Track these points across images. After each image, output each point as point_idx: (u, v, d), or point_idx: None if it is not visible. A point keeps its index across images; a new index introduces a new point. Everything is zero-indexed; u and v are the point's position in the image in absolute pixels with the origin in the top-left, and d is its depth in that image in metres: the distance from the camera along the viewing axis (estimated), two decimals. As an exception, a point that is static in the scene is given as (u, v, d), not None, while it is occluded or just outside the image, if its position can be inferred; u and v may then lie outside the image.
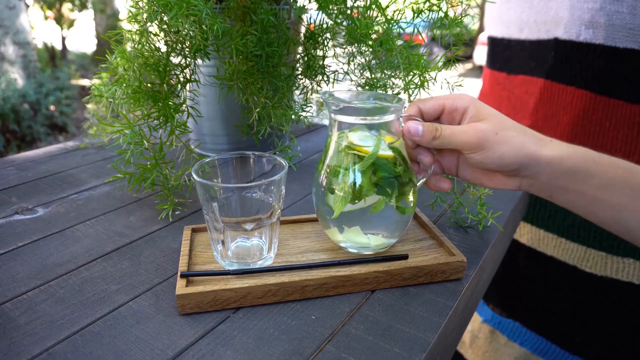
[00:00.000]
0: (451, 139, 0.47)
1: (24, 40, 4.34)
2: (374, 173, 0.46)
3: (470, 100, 0.49)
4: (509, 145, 0.45)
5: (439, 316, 0.43)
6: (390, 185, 0.47)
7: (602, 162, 0.45)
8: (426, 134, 0.48)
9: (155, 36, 0.58)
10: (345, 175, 0.47)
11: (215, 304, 0.43)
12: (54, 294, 0.45)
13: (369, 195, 0.46)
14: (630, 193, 0.44)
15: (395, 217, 0.48)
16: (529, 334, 1.05)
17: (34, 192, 0.68)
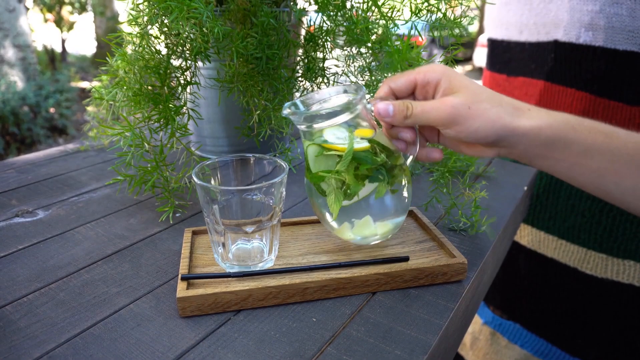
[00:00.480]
0: (423, 117, 0.45)
1: (23, 43, 4.34)
2: (357, 168, 0.46)
3: (442, 71, 0.47)
4: (483, 118, 0.43)
5: (439, 318, 0.43)
6: (379, 173, 0.47)
7: (582, 128, 0.45)
8: (397, 113, 0.46)
9: (155, 39, 0.58)
10: (330, 178, 0.47)
11: (216, 307, 0.43)
12: (55, 296, 0.45)
13: (359, 190, 0.46)
14: (610, 158, 0.44)
15: (395, 200, 0.48)
16: (529, 336, 1.05)
17: (34, 195, 0.68)
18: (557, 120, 0.45)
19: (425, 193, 0.71)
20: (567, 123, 0.45)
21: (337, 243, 0.53)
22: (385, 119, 0.47)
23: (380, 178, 0.47)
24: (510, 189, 0.75)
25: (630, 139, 0.45)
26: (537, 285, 1.00)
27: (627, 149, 0.44)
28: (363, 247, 0.52)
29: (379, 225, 0.48)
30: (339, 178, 0.47)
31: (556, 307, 0.97)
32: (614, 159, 0.44)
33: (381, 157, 0.47)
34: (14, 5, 4.21)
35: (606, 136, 0.45)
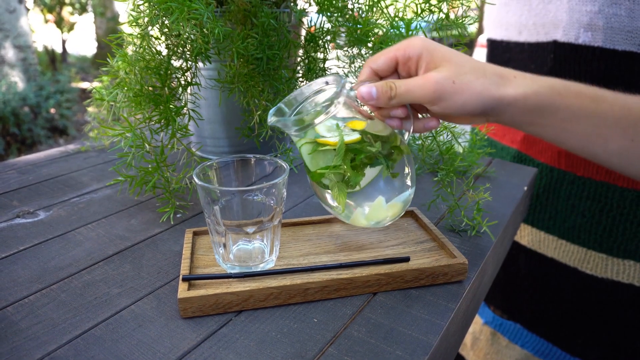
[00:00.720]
0: (408, 96, 0.44)
1: (24, 44, 4.35)
2: (354, 159, 0.46)
3: (421, 45, 0.45)
4: (469, 92, 0.43)
5: (440, 319, 0.43)
6: (377, 160, 0.47)
7: (568, 93, 0.45)
8: (381, 95, 0.45)
9: (156, 40, 0.58)
10: (329, 174, 0.47)
11: (217, 308, 0.43)
12: (56, 297, 0.45)
13: (360, 180, 0.46)
14: (597, 122, 0.45)
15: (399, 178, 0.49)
16: (530, 336, 1.05)
17: (35, 196, 0.68)
18: (543, 86, 0.44)
19: (426, 193, 0.71)
20: (553, 89, 0.45)
21: (337, 244, 0.53)
22: (370, 102, 0.46)
23: (380, 162, 0.47)
24: (511, 189, 0.75)
25: (617, 102, 0.45)
26: (538, 286, 1.00)
27: (613, 112, 0.45)
28: (364, 247, 0.52)
29: (389, 207, 0.48)
30: (338, 172, 0.47)
31: (556, 307, 0.97)
32: (601, 123, 0.45)
33: (376, 145, 0.46)
34: (14, 6, 4.21)
35: (592, 100, 0.45)
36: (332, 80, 0.48)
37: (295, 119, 0.45)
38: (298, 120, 0.45)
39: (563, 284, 0.94)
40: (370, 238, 0.54)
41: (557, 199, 0.92)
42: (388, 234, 0.55)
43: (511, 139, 1.06)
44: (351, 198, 0.48)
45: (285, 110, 0.48)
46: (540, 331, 1.02)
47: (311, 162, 0.48)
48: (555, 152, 0.92)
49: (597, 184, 0.85)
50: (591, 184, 0.86)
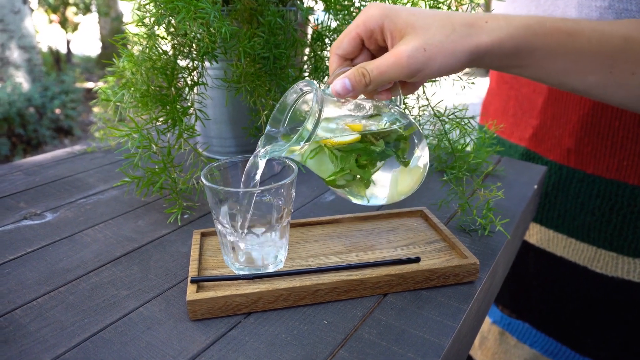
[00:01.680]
0: (383, 77, 0.42)
1: (28, 44, 4.36)
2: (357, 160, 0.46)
3: (380, 14, 0.43)
4: (442, 55, 0.41)
5: (452, 320, 0.43)
6: (385, 155, 0.46)
7: (544, 31, 0.44)
8: (355, 85, 0.43)
9: (162, 39, 0.58)
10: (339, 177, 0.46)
11: (226, 310, 0.43)
12: (64, 300, 0.45)
13: (372, 174, 0.46)
14: (574, 58, 0.44)
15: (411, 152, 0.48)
16: (538, 335, 1.04)
17: (42, 197, 0.68)
18: (517, 27, 0.43)
19: (434, 192, 0.70)
20: (528, 29, 0.44)
21: (346, 244, 0.53)
22: (348, 95, 0.44)
23: (389, 154, 0.46)
24: (520, 187, 0.74)
25: (594, 35, 0.44)
26: (546, 284, 0.99)
27: (590, 45, 0.44)
28: (373, 247, 0.52)
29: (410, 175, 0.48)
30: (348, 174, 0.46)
31: (566, 306, 0.96)
32: (578, 58, 0.44)
33: (379, 144, 0.45)
34: (19, 7, 4.23)
35: (569, 35, 0.44)
36: (304, 85, 0.46)
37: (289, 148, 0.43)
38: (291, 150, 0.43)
39: (572, 283, 0.93)
40: (379, 238, 0.54)
41: (566, 197, 0.91)
42: (398, 234, 0.55)
43: (519, 137, 1.05)
44: (371, 188, 0.47)
45: (273, 131, 0.47)
46: (549, 330, 1.01)
47: (319, 169, 0.48)
48: (564, 150, 0.91)
49: (607, 181, 0.84)
50: (601, 182, 0.85)
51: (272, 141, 0.46)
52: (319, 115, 0.41)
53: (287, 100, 0.47)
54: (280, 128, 0.47)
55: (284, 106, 0.47)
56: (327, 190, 0.71)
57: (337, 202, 0.67)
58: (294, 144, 0.42)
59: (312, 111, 0.41)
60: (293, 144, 0.42)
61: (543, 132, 0.97)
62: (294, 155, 0.45)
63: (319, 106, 0.41)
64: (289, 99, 0.47)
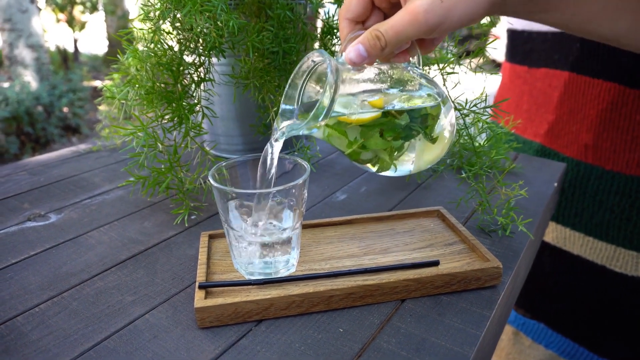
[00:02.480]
0: (399, 38, 0.39)
1: (36, 43, 4.38)
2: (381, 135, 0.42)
3: None
4: (461, 4, 0.38)
5: (476, 328, 0.40)
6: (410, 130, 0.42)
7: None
8: (370, 50, 0.39)
9: (168, 34, 0.56)
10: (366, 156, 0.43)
11: (236, 317, 0.40)
12: (67, 306, 0.43)
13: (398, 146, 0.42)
14: (603, 4, 0.41)
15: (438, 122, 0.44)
16: (554, 336, 1.01)
17: (46, 198, 0.66)
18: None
19: (450, 191, 0.68)
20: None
21: (361, 246, 0.50)
22: (364, 62, 0.40)
23: (414, 134, 0.42)
24: (540, 185, 0.71)
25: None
26: (563, 284, 0.96)
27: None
28: (389, 250, 0.49)
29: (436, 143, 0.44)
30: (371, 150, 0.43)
31: (583, 306, 0.94)
32: (606, 4, 0.41)
33: (403, 116, 0.42)
34: (26, 6, 4.24)
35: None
36: (316, 55, 0.42)
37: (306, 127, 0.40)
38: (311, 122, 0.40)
39: (590, 283, 0.91)
40: (395, 240, 0.51)
41: (583, 194, 0.89)
42: (414, 236, 0.52)
43: (534, 133, 1.02)
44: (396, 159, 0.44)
45: (289, 109, 0.44)
46: (566, 331, 0.98)
47: (340, 143, 0.44)
48: (581, 146, 0.88)
49: (627, 178, 0.81)
50: (620, 178, 0.83)
51: (288, 119, 0.43)
52: (335, 88, 0.38)
53: (299, 74, 0.43)
54: (295, 105, 0.44)
55: (297, 81, 0.43)
56: (338, 189, 0.68)
57: (349, 202, 0.64)
58: (311, 122, 0.39)
59: (327, 84, 0.38)
60: (310, 122, 0.39)
61: (559, 128, 0.94)
62: (313, 132, 0.42)
63: (334, 78, 0.38)
64: (301, 73, 0.43)
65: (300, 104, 0.44)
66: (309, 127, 0.40)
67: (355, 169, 0.76)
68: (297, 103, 0.44)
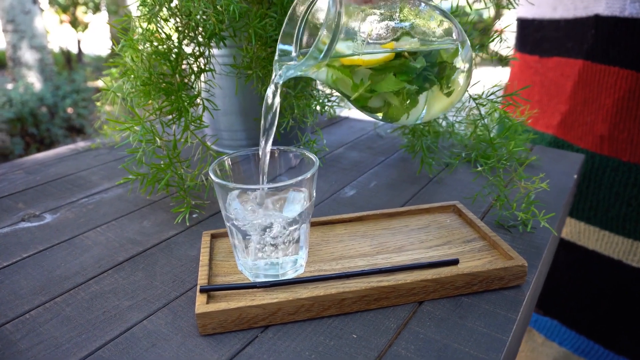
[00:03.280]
0: None
1: (39, 45, 4.37)
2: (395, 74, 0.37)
3: None
4: None
5: (501, 332, 0.37)
6: (425, 79, 0.37)
7: None
8: None
9: (165, 22, 0.52)
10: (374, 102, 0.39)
11: (240, 323, 0.37)
12: (60, 312, 0.40)
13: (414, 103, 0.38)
14: None
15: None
16: (568, 333, 0.99)
17: (42, 197, 0.63)
18: None
19: (464, 185, 0.64)
20: None
21: (373, 245, 0.47)
22: None
23: (427, 86, 0.38)
24: (559, 177, 0.67)
25: None
26: (577, 280, 0.94)
27: None
28: (404, 248, 0.46)
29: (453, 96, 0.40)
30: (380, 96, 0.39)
31: (598, 302, 0.91)
32: None
33: (419, 59, 0.37)
34: (29, 8, 4.23)
35: None
36: None
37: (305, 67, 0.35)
38: (310, 60, 0.34)
39: (606, 278, 0.88)
40: (409, 237, 0.48)
41: (599, 187, 0.86)
42: (430, 232, 0.49)
43: (546, 124, 0.99)
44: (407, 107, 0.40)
45: (287, 49, 0.39)
46: (580, 328, 0.95)
47: (345, 86, 0.39)
48: (596, 137, 0.85)
49: None
50: (638, 170, 0.80)
51: (287, 61, 0.38)
52: (337, 20, 0.33)
53: (298, 7, 0.39)
54: (293, 44, 0.39)
55: (295, 16, 0.39)
56: (346, 184, 0.65)
57: (359, 197, 0.61)
58: (310, 60, 0.34)
59: (328, 14, 0.33)
60: (309, 60, 0.34)
61: (573, 119, 0.91)
62: (316, 75, 0.38)
63: (337, 7, 0.33)
64: (300, 6, 0.39)
65: (299, 42, 0.39)
66: (308, 66, 0.35)
67: (364, 163, 0.72)
68: (296, 42, 0.39)
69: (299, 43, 0.39)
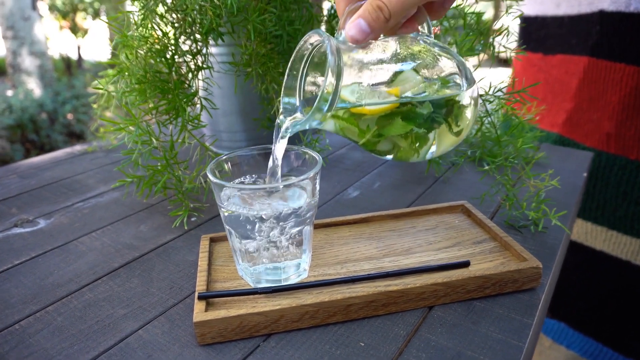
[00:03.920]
0: (405, 5, 0.33)
1: (39, 51, 4.37)
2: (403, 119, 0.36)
3: None
4: None
5: (517, 338, 0.35)
6: (433, 121, 0.37)
7: None
8: (373, 24, 0.34)
9: (161, 18, 0.51)
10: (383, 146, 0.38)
11: (241, 332, 0.35)
12: (52, 322, 0.38)
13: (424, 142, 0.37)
14: None
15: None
16: (576, 336, 0.97)
17: (36, 202, 0.61)
18: None
19: (471, 185, 0.62)
20: None
21: (379, 247, 0.45)
22: (367, 38, 0.35)
23: (435, 126, 0.37)
24: (568, 176, 0.65)
25: None
26: (585, 281, 0.92)
27: None
28: (411, 250, 0.44)
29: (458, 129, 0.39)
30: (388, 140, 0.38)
31: (607, 304, 0.89)
32: None
33: (425, 104, 0.36)
34: (28, 14, 4.23)
35: None
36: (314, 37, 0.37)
37: (312, 117, 0.34)
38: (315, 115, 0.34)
39: (614, 279, 0.86)
40: (417, 239, 0.46)
41: (606, 186, 0.84)
42: (438, 234, 0.47)
43: (551, 123, 0.97)
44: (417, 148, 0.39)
45: (291, 103, 0.39)
46: (588, 330, 0.94)
47: (353, 133, 0.38)
48: (603, 135, 0.83)
49: None
50: (646, 168, 0.78)
51: (291, 114, 0.38)
52: (338, 72, 0.33)
53: (297, 60, 0.38)
54: (297, 97, 0.39)
55: (296, 69, 0.38)
56: (350, 185, 0.63)
57: (363, 198, 0.59)
58: (315, 115, 0.34)
59: (328, 69, 0.33)
60: (314, 115, 0.33)
61: (578, 117, 0.89)
62: (322, 125, 0.37)
63: (335, 60, 0.32)
64: (299, 59, 0.38)
65: (302, 94, 0.39)
66: (314, 120, 0.35)
67: (367, 163, 0.71)
68: (299, 94, 0.39)
69: (302, 95, 0.39)
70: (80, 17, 7.10)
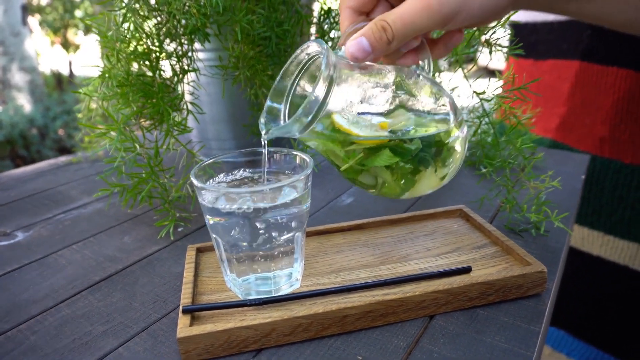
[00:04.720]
0: (408, 29, 0.33)
1: (29, 66, 4.34)
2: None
3: None
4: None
5: (525, 347, 0.33)
6: (422, 161, 0.36)
7: None
8: (375, 44, 0.33)
9: (144, 19, 0.48)
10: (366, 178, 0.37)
11: (229, 347, 0.33)
12: (23, 341, 0.35)
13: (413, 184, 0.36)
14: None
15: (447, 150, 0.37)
16: (576, 343, 0.95)
17: (15, 214, 0.59)
18: None
19: (468, 188, 0.60)
20: None
21: (376, 254, 0.43)
22: (367, 58, 0.34)
23: (422, 168, 0.36)
24: (566, 178, 0.64)
25: None
26: (583, 287, 0.90)
27: None
28: (409, 257, 0.42)
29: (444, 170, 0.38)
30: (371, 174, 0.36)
31: (606, 310, 0.88)
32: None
33: (415, 141, 0.35)
34: (18, 29, 4.21)
35: None
36: (313, 47, 0.36)
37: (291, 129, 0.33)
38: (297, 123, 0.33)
39: (612, 284, 0.85)
40: (415, 245, 0.44)
41: (601, 190, 0.83)
42: (436, 239, 0.45)
43: (544, 128, 0.96)
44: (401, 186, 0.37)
45: (276, 108, 0.37)
46: (588, 337, 0.92)
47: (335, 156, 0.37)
48: (597, 139, 0.83)
49: None
50: (641, 172, 0.77)
51: (273, 119, 0.36)
52: (328, 84, 0.31)
53: (292, 67, 0.37)
54: (282, 104, 0.37)
55: (288, 75, 0.37)
56: (343, 192, 0.61)
57: (357, 205, 0.57)
58: (297, 123, 0.32)
59: (319, 78, 0.31)
60: (296, 122, 0.32)
61: (571, 121, 0.88)
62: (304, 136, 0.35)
63: (329, 72, 0.31)
64: (295, 66, 0.37)
65: (289, 102, 0.37)
66: (295, 127, 0.33)
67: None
68: (286, 101, 0.37)
69: (289, 102, 0.38)
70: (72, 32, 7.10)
